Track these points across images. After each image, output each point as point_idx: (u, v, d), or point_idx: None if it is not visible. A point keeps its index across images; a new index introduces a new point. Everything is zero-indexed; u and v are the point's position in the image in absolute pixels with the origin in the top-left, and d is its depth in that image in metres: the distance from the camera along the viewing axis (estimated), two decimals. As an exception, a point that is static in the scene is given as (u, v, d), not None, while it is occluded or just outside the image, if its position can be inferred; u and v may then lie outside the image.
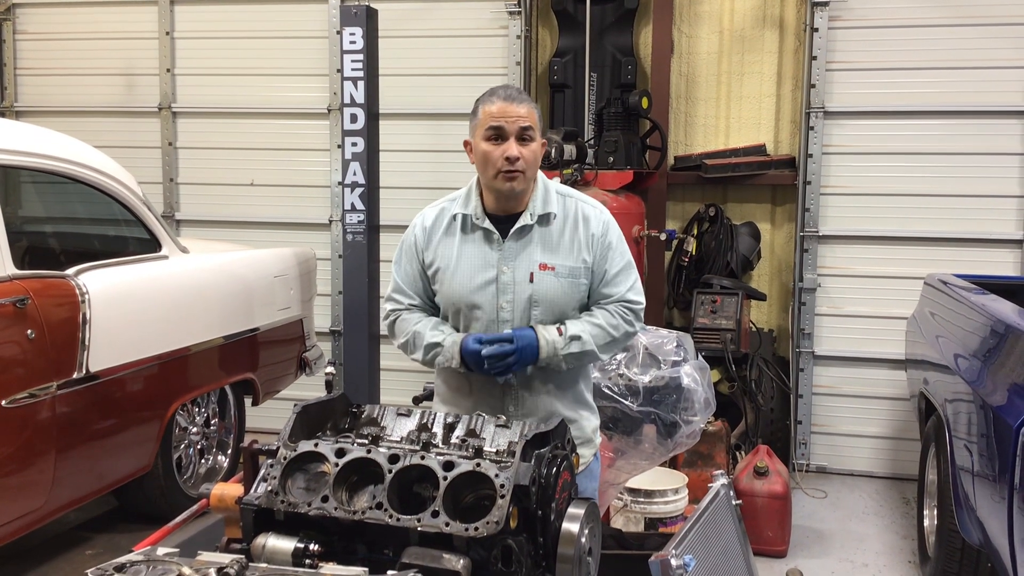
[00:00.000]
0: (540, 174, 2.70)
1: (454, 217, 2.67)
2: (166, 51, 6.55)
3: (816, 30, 5.63)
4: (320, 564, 1.90)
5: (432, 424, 2.23)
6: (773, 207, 6.16)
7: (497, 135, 2.54)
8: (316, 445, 2.08)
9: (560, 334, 2.56)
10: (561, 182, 2.84)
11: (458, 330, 2.65)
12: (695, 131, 6.20)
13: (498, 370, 2.52)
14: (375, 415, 2.29)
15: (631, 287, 2.67)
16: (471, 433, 2.18)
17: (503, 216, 2.63)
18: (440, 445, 2.13)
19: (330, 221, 6.37)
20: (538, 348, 2.53)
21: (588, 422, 2.75)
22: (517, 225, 2.61)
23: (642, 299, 2.71)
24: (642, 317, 2.72)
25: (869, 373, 5.79)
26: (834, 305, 5.82)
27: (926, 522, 4.43)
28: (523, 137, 2.54)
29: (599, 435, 2.83)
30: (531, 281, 2.58)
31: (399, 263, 2.76)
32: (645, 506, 4.29)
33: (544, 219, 2.63)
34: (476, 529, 1.88)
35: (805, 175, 5.72)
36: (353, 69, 5.04)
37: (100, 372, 3.94)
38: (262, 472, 2.09)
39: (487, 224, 2.62)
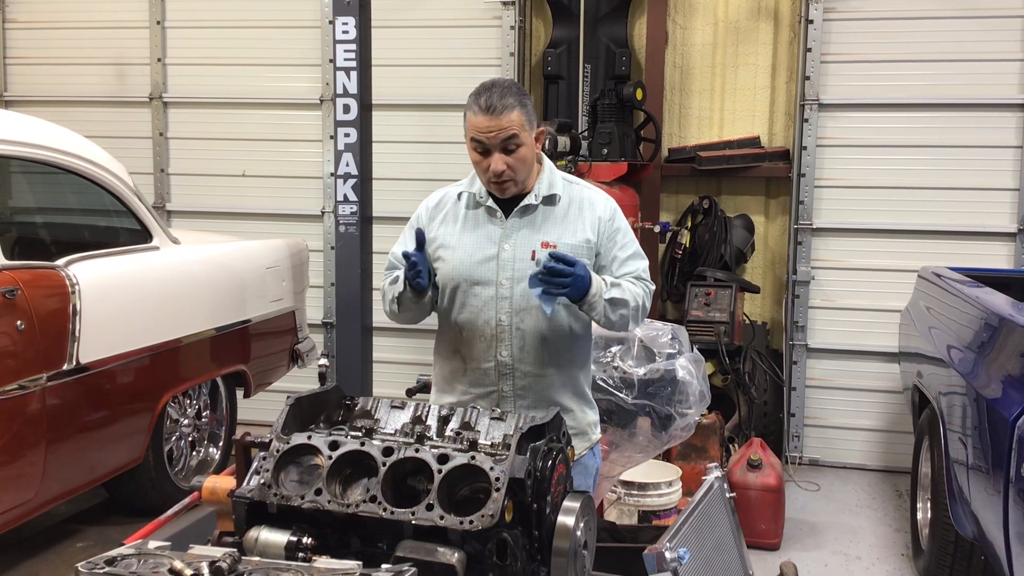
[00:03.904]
0: (547, 160, 2.68)
1: (459, 196, 2.68)
2: (157, 40, 6.50)
3: (811, 22, 5.61)
4: (313, 557, 1.89)
5: (426, 417, 2.22)
6: (767, 199, 6.16)
7: (481, 149, 2.53)
8: (309, 438, 2.06)
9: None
10: None
11: (454, 311, 2.63)
12: (689, 123, 6.19)
13: (552, 287, 2.41)
14: (369, 407, 2.27)
15: (643, 269, 2.69)
16: (466, 426, 2.16)
17: (507, 198, 2.63)
18: (434, 438, 2.12)
19: (322, 212, 6.34)
20: (590, 281, 2.48)
21: (584, 415, 2.74)
22: (521, 204, 2.61)
23: (652, 284, 2.72)
24: (651, 299, 2.72)
25: (862, 366, 5.79)
26: (828, 298, 5.81)
27: (919, 515, 4.43)
28: (508, 148, 2.51)
29: (597, 430, 2.81)
30: (532, 259, 2.57)
31: (401, 242, 2.77)
32: (639, 499, 4.28)
33: (549, 200, 2.63)
34: (471, 522, 1.86)
35: (799, 167, 5.71)
36: (346, 59, 5.01)
37: (90, 364, 3.91)
38: (255, 465, 2.07)
39: (490, 203, 2.62)
